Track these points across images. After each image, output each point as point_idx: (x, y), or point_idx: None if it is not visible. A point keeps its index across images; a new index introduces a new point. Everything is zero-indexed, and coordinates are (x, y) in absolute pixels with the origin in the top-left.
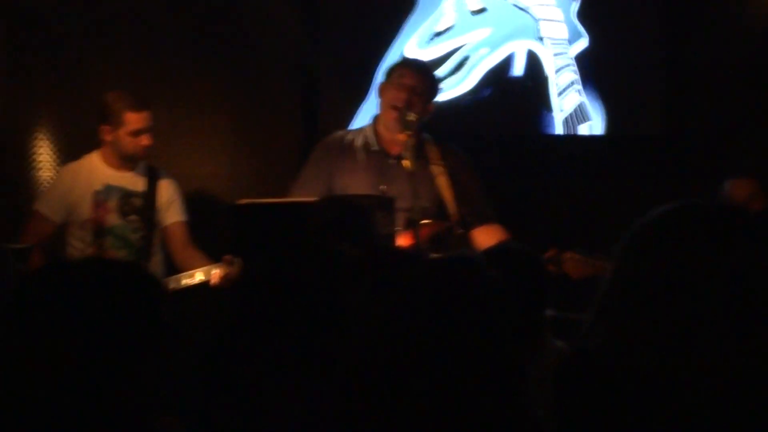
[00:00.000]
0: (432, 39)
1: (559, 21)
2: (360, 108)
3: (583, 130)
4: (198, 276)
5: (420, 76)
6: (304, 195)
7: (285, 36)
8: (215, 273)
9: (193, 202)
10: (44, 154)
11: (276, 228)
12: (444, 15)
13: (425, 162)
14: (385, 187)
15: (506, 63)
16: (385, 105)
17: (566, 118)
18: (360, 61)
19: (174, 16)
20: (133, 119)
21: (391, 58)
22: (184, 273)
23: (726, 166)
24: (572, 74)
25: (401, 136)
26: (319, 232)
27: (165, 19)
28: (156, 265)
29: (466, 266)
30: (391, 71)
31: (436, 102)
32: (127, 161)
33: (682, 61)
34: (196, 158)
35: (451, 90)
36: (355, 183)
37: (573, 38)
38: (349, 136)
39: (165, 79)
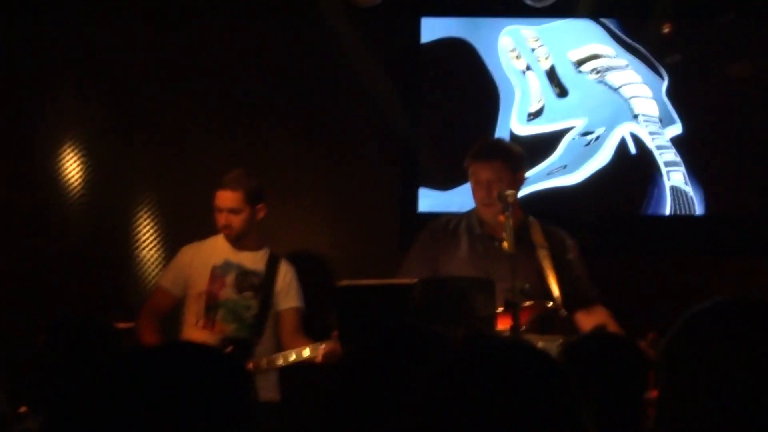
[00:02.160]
0: (530, 119)
1: (648, 98)
2: (457, 190)
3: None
4: (305, 352)
5: (492, 164)
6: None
7: (385, 118)
8: (322, 348)
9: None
10: (147, 233)
11: (376, 309)
12: (531, 96)
13: (530, 244)
14: (491, 272)
15: (619, 145)
16: (475, 202)
17: (673, 200)
18: (457, 143)
19: (276, 94)
20: (216, 196)
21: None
22: (293, 349)
23: None
24: (671, 154)
25: (501, 218)
26: (419, 313)
27: (268, 98)
28: (266, 342)
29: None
30: (467, 167)
31: (526, 171)
32: (249, 242)
33: None
34: (293, 236)
35: (564, 177)
36: (460, 267)
37: (665, 118)
38: (454, 221)
39: (267, 158)
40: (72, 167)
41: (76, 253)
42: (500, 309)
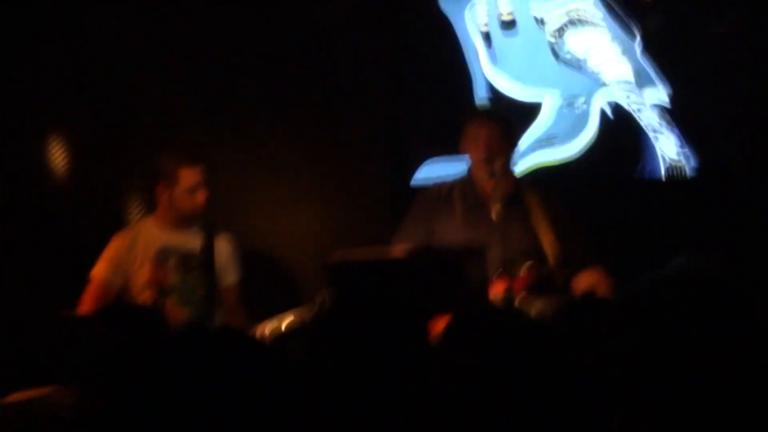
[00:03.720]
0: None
1: (619, 59)
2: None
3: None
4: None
5: (490, 124)
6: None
7: (372, 90)
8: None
9: (283, 257)
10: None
11: (369, 283)
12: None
13: (524, 208)
14: (484, 239)
15: (601, 114)
16: (472, 162)
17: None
18: (446, 112)
19: (261, 70)
20: (188, 175)
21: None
22: (277, 317)
23: None
24: (653, 116)
25: (489, 184)
26: (411, 285)
27: (252, 75)
28: (220, 320)
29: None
30: (465, 126)
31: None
32: (184, 220)
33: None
34: (285, 213)
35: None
36: (453, 235)
37: (641, 78)
38: (446, 188)
39: (256, 136)
40: (58, 158)
41: (64, 244)
42: (500, 271)
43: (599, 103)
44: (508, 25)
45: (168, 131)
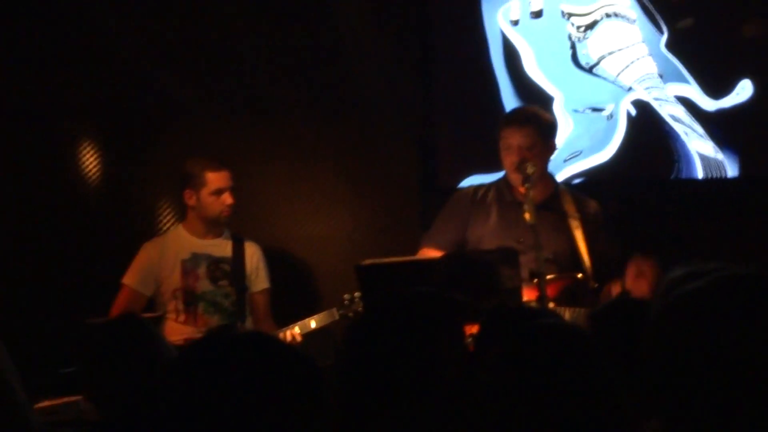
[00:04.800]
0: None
1: (644, 56)
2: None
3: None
4: (312, 323)
5: (524, 130)
6: (436, 245)
7: (401, 95)
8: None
9: (311, 264)
10: (168, 226)
11: (400, 287)
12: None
13: (561, 213)
14: (523, 239)
15: (628, 117)
16: (505, 167)
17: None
18: (475, 117)
19: (291, 79)
20: (214, 178)
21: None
22: (301, 322)
23: None
24: (680, 111)
25: (522, 189)
26: (444, 288)
27: (283, 82)
28: (250, 326)
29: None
30: (499, 132)
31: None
32: (212, 226)
33: None
34: (316, 219)
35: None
36: (489, 235)
37: (666, 73)
38: (483, 189)
39: (286, 142)
40: (91, 165)
41: (97, 248)
42: (534, 281)
43: (625, 107)
44: (536, 15)
45: (197, 138)
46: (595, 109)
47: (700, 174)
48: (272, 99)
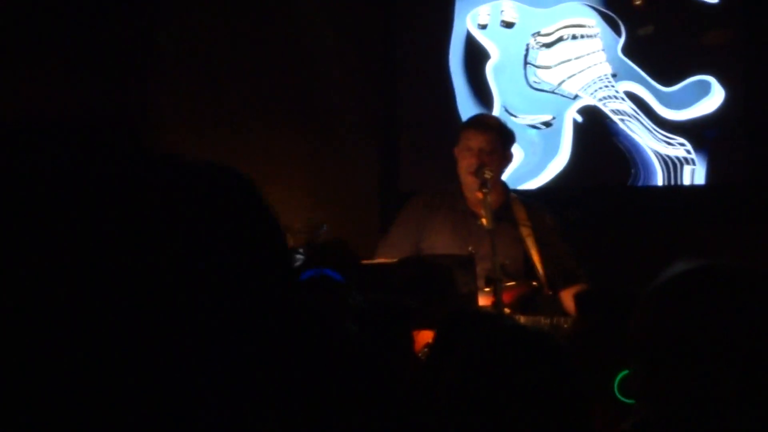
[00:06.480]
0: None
1: (599, 63)
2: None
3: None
4: None
5: (486, 135)
6: (391, 254)
7: (362, 95)
8: None
9: None
10: None
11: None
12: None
13: (513, 223)
14: (472, 248)
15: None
16: (461, 169)
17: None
18: (435, 122)
19: (252, 78)
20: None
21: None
22: None
23: None
24: (626, 106)
25: (478, 194)
26: (400, 292)
27: (242, 82)
28: None
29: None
30: (459, 134)
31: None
32: None
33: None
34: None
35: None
36: (442, 243)
37: (620, 72)
38: (436, 196)
39: (246, 146)
40: None
41: None
42: (487, 289)
43: (571, 116)
44: (508, 25)
45: (156, 134)
46: (535, 126)
47: (659, 173)
48: (233, 103)
